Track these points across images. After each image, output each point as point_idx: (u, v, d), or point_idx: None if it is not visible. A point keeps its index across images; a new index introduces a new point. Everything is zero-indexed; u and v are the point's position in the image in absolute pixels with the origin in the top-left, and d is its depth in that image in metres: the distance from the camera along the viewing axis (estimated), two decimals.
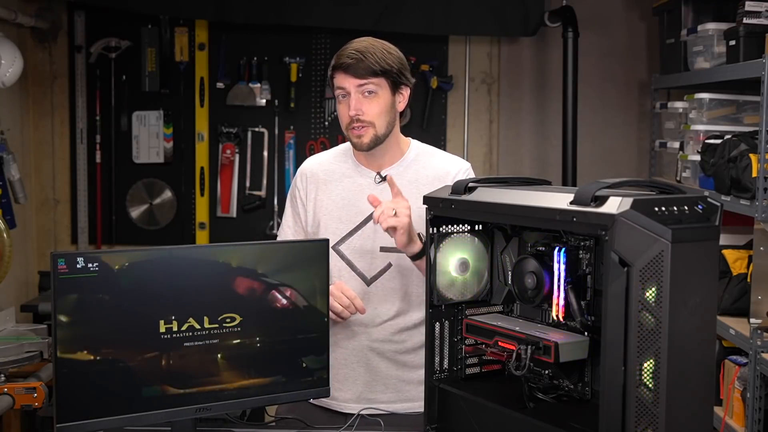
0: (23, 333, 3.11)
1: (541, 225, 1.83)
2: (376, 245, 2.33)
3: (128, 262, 1.93)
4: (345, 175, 2.39)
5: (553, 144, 4.44)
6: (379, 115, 2.27)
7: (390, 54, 2.28)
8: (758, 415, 2.81)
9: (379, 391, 2.36)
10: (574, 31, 4.12)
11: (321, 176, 2.40)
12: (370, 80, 2.24)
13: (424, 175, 2.37)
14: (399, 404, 2.36)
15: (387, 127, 2.31)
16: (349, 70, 2.24)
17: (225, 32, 4.44)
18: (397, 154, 2.38)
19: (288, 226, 2.45)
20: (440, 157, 2.43)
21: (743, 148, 2.92)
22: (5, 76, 3.66)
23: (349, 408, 2.34)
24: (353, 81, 2.24)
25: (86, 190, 4.51)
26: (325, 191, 2.39)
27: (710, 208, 1.67)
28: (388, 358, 2.36)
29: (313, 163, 2.45)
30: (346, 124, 2.29)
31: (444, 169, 2.38)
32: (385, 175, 2.34)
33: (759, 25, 3.04)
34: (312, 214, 2.39)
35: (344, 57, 2.25)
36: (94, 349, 1.90)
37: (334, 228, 2.35)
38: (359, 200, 2.34)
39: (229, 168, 4.48)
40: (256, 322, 2.06)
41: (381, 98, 2.27)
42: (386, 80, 2.27)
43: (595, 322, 1.80)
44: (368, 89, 2.25)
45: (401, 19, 4.20)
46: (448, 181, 2.33)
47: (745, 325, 2.97)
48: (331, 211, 2.36)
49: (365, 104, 2.26)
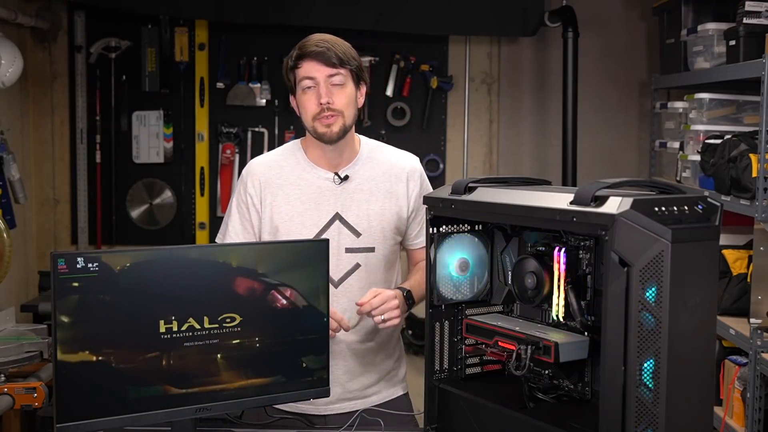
0: (23, 333, 3.11)
1: (541, 225, 1.83)
2: (341, 246, 2.32)
3: (128, 262, 1.93)
4: (301, 177, 2.35)
5: (553, 144, 4.44)
6: (347, 105, 2.28)
7: (351, 49, 2.31)
8: (758, 415, 2.81)
9: (357, 390, 2.38)
10: (574, 31, 4.12)
11: (275, 180, 2.34)
12: (338, 70, 2.25)
13: (380, 172, 2.37)
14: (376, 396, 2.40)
15: (352, 119, 2.31)
16: (319, 58, 2.23)
17: (225, 32, 4.44)
18: (353, 152, 2.38)
19: (236, 233, 2.36)
20: (391, 153, 2.44)
21: (743, 148, 2.92)
22: (5, 76, 3.66)
23: (329, 410, 2.35)
24: (323, 70, 2.24)
25: (86, 190, 4.50)
26: (283, 196, 2.33)
27: (710, 208, 1.67)
28: (361, 356, 2.38)
29: (263, 167, 2.38)
30: (314, 114, 2.26)
31: (399, 165, 2.40)
32: (344, 175, 2.34)
33: (759, 25, 3.04)
34: (269, 221, 2.33)
35: (312, 46, 2.25)
36: (95, 349, 1.90)
37: (297, 233, 2.31)
38: (320, 203, 2.33)
39: (229, 168, 4.48)
40: (256, 322, 2.06)
41: (348, 89, 2.28)
42: (350, 73, 2.28)
43: (595, 322, 1.80)
44: (337, 80, 2.26)
45: (401, 19, 4.20)
46: (404, 177, 2.39)
47: (745, 325, 2.97)
48: (292, 217, 2.32)
49: (335, 93, 2.26)
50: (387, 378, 2.44)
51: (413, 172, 2.40)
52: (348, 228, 2.32)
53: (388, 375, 2.44)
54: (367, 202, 2.34)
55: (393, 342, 2.45)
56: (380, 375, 2.42)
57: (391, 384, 2.45)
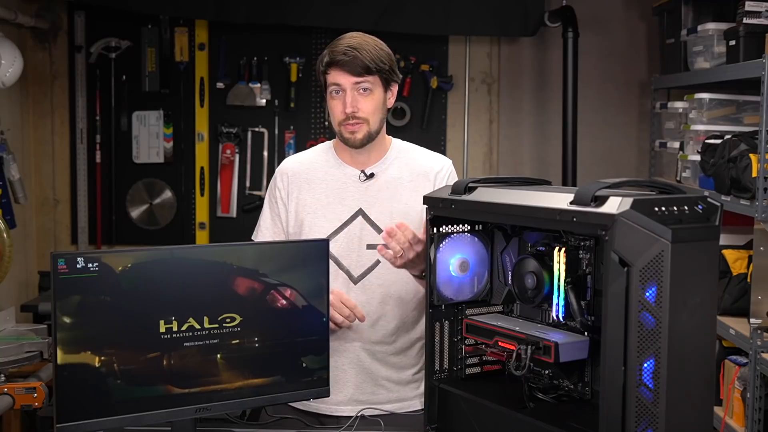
0: (23, 333, 3.11)
1: (541, 225, 1.83)
2: (362, 243, 2.32)
3: (128, 262, 1.93)
4: (328, 173, 2.37)
5: (553, 144, 4.44)
6: (374, 112, 2.28)
7: (382, 50, 2.28)
8: (758, 415, 2.81)
9: (370, 393, 2.34)
10: (574, 31, 4.12)
11: (303, 175, 2.38)
12: (365, 78, 2.24)
13: (407, 172, 2.37)
14: (390, 405, 2.34)
15: (379, 123, 2.31)
16: (345, 67, 2.23)
17: (225, 32, 4.44)
18: (381, 152, 2.38)
19: (266, 228, 2.41)
20: (422, 154, 2.43)
21: (743, 148, 2.92)
22: (5, 76, 3.66)
23: (340, 411, 2.33)
24: (349, 78, 2.24)
25: (86, 190, 4.51)
26: (308, 190, 2.36)
27: (710, 208, 1.67)
28: (378, 359, 2.35)
29: (293, 163, 2.42)
30: (340, 120, 2.28)
31: (427, 166, 2.39)
32: (370, 173, 2.35)
33: (759, 25, 3.05)
34: (294, 214, 2.36)
35: (339, 53, 2.24)
36: (95, 349, 1.90)
37: (319, 226, 2.33)
38: (344, 198, 2.34)
39: (229, 168, 4.48)
40: (256, 322, 2.06)
41: (375, 95, 2.27)
42: (379, 77, 2.27)
43: (595, 322, 1.80)
44: (363, 86, 2.25)
45: (401, 19, 4.20)
46: (431, 178, 2.36)
47: (745, 325, 2.97)
48: (316, 210, 2.34)
49: (361, 101, 2.26)
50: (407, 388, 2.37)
51: (442, 171, 2.38)
52: (370, 224, 2.32)
53: (408, 385, 2.38)
54: (391, 200, 2.34)
55: (414, 351, 2.38)
56: (396, 383, 2.36)
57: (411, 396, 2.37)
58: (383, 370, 2.35)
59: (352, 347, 2.33)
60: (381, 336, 2.34)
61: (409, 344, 2.37)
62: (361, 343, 2.33)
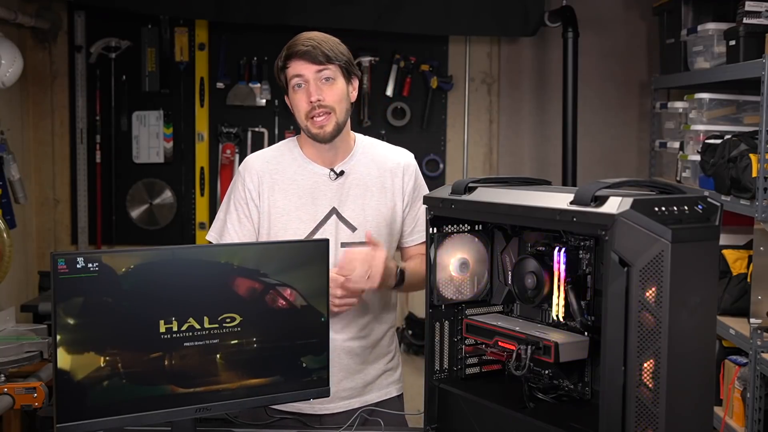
0: (23, 333, 3.11)
1: (541, 225, 1.83)
2: (338, 241, 2.33)
3: (128, 263, 1.93)
4: (297, 172, 2.36)
5: (553, 144, 4.44)
6: (339, 101, 2.29)
7: (340, 45, 2.32)
8: (758, 415, 2.81)
9: (350, 388, 2.37)
10: (574, 31, 4.12)
11: (272, 175, 2.35)
12: (327, 66, 2.27)
13: (375, 168, 2.38)
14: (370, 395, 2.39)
15: (345, 114, 2.32)
16: (306, 57, 2.26)
17: (225, 32, 4.44)
18: (348, 148, 2.39)
19: (234, 230, 2.34)
20: (386, 149, 2.45)
21: (743, 148, 2.92)
22: (5, 76, 3.66)
23: (326, 409, 2.34)
24: (311, 67, 2.26)
25: (86, 190, 4.50)
26: (279, 191, 2.34)
27: (710, 208, 1.67)
28: (357, 354, 2.38)
29: (260, 162, 2.38)
30: (306, 112, 2.28)
31: (393, 161, 2.41)
32: (340, 170, 2.35)
33: (759, 25, 3.04)
34: (267, 215, 2.34)
35: (299, 45, 2.28)
36: (95, 349, 1.90)
37: (294, 228, 2.32)
38: (317, 198, 2.34)
39: (229, 168, 4.48)
40: (256, 322, 2.06)
41: (338, 84, 2.29)
42: (340, 68, 2.29)
43: (595, 322, 1.80)
44: (326, 75, 2.27)
45: (401, 19, 4.20)
46: (399, 172, 2.40)
47: (745, 325, 2.98)
48: (290, 212, 2.33)
49: (325, 90, 2.27)
50: (382, 377, 2.43)
51: (408, 167, 2.41)
52: (344, 223, 2.33)
53: (384, 375, 2.44)
54: (363, 198, 2.35)
55: (387, 340, 2.44)
56: (374, 374, 2.41)
57: (385, 384, 2.44)
58: (360, 364, 2.38)
59: (333, 347, 2.33)
60: (355, 331, 2.37)
61: (381, 335, 2.42)
62: (338, 341, 2.34)
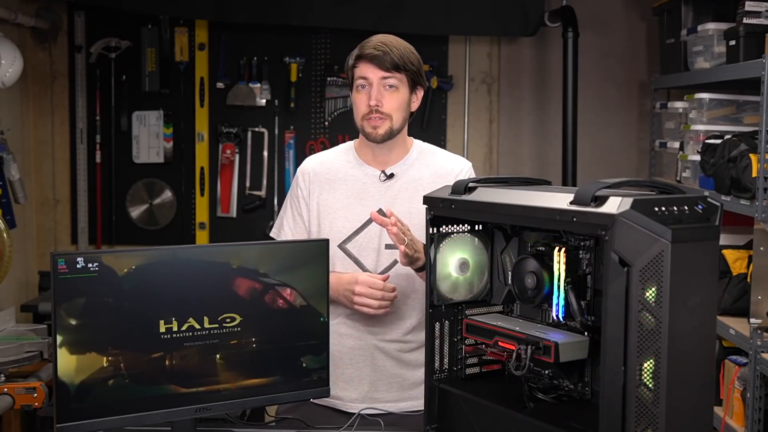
0: (23, 333, 3.11)
1: (541, 225, 1.83)
2: (381, 243, 2.34)
3: (128, 263, 1.93)
4: (349, 173, 2.40)
5: (553, 144, 4.44)
6: (397, 109, 2.32)
7: (412, 54, 2.36)
8: (758, 415, 2.81)
9: (384, 390, 2.36)
10: (574, 31, 4.12)
11: (324, 175, 2.41)
12: (393, 74, 2.30)
13: (427, 174, 2.39)
14: (403, 403, 2.37)
15: (401, 122, 2.35)
16: (374, 61, 2.29)
17: (225, 32, 4.44)
18: (403, 152, 2.41)
19: (288, 227, 2.43)
20: (443, 156, 2.46)
21: (743, 148, 2.92)
22: (5, 76, 3.66)
23: (353, 408, 2.34)
24: (377, 72, 2.29)
25: (86, 190, 4.50)
26: (329, 190, 2.39)
27: (710, 208, 1.67)
28: (393, 357, 2.36)
29: (315, 162, 2.45)
30: (363, 114, 2.31)
31: (447, 167, 2.41)
32: (390, 173, 2.36)
33: (759, 25, 3.04)
34: (316, 213, 2.39)
35: (370, 48, 2.30)
36: (95, 349, 1.90)
37: (340, 227, 2.36)
38: (364, 198, 2.36)
39: (229, 168, 4.48)
40: (256, 323, 2.06)
41: (400, 93, 2.32)
42: (407, 77, 2.32)
43: (595, 322, 1.80)
44: (390, 83, 2.30)
45: (401, 19, 4.20)
46: (451, 180, 2.34)
47: (745, 325, 2.97)
48: (337, 210, 2.37)
49: (386, 96, 2.30)
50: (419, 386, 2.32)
51: (462, 173, 2.41)
52: None
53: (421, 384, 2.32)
54: (411, 201, 2.35)
55: None
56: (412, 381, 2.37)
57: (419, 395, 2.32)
58: (398, 369, 2.36)
59: (368, 346, 2.35)
60: (397, 335, 2.36)
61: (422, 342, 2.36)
62: (378, 342, 2.35)
